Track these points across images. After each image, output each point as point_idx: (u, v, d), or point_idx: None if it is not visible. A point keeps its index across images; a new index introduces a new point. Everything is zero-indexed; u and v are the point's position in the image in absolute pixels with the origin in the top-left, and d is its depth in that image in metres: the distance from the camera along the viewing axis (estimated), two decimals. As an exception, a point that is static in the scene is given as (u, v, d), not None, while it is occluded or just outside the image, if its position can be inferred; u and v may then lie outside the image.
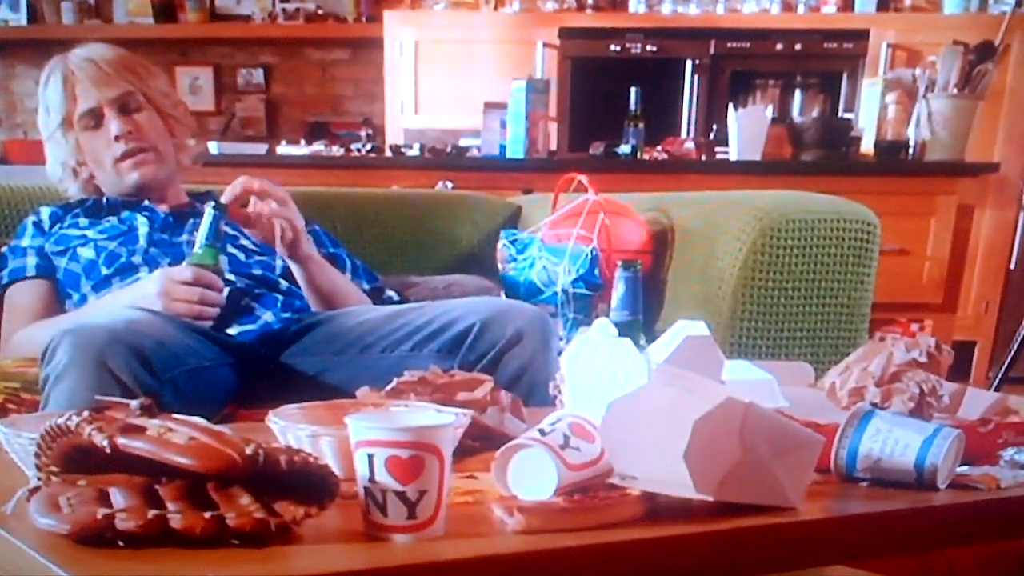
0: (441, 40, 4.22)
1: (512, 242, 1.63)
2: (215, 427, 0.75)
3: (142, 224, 1.58)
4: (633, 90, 3.09)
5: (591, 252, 1.57)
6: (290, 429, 0.89)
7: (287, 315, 1.49)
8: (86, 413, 0.75)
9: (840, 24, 4.16)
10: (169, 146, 1.62)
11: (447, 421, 0.77)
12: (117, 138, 1.55)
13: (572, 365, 0.90)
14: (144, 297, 1.40)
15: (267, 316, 1.48)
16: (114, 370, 1.16)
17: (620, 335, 0.95)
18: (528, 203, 2.04)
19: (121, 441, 0.73)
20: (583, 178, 1.62)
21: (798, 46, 4.15)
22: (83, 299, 1.55)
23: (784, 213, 1.55)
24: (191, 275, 1.38)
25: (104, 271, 1.54)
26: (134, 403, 0.76)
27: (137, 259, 1.54)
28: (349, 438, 0.76)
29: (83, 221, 1.60)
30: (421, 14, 4.37)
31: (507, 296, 1.69)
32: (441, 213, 2.02)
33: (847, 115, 3.95)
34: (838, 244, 1.61)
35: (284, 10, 4.51)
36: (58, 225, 1.61)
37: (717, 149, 3.33)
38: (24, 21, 4.49)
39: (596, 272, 1.60)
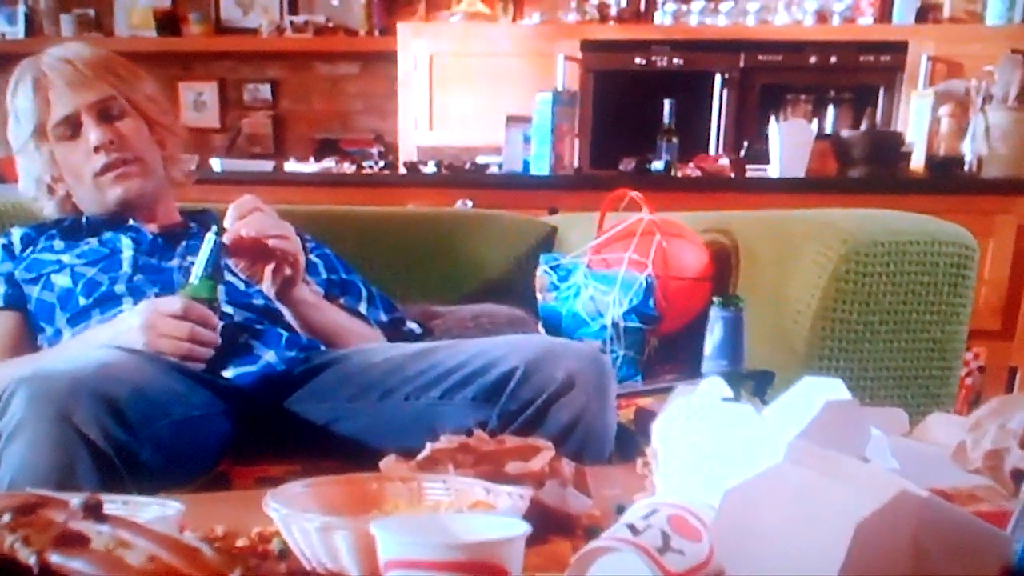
0: (457, 53, 4.03)
1: (553, 268, 1.41)
2: (187, 539, 0.53)
3: (126, 247, 1.37)
4: (667, 102, 2.89)
5: (645, 279, 1.35)
6: (295, 519, 0.67)
7: (292, 354, 1.27)
8: (7, 516, 0.53)
9: (877, 36, 3.95)
10: (157, 158, 1.42)
11: (516, 532, 0.55)
12: (97, 148, 1.35)
13: (669, 435, 0.68)
14: (126, 332, 1.19)
15: (269, 355, 1.26)
16: (79, 425, 0.94)
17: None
18: (565, 223, 1.83)
19: (55, 559, 0.51)
20: (637, 195, 1.40)
21: (833, 59, 3.95)
22: (58, 334, 1.34)
23: (871, 235, 1.33)
24: (180, 307, 1.16)
25: (82, 301, 1.33)
26: (75, 500, 0.54)
27: (120, 287, 1.33)
28: (370, 532, 0.55)
29: (59, 244, 1.39)
30: (436, 26, 4.18)
31: (546, 330, 1.47)
32: (466, 234, 1.81)
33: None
34: (932, 271, 1.38)
35: (292, 23, 4.33)
36: (31, 248, 1.40)
37: (748, 166, 3.14)
38: (22, 34, 4.32)
39: (651, 302, 1.38)
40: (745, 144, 3.69)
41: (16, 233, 1.42)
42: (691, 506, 0.65)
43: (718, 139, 4.08)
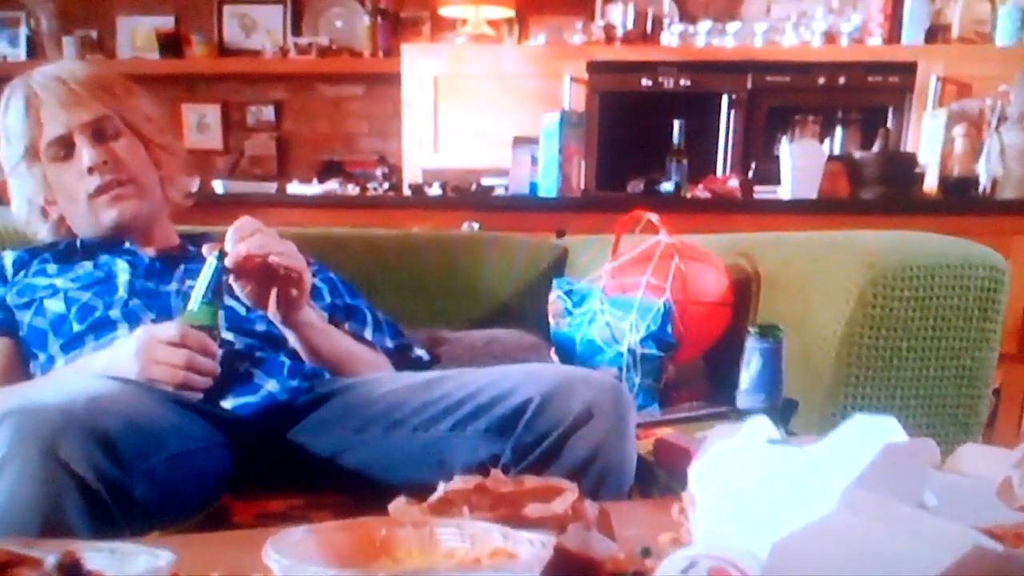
0: (462, 75, 4.00)
1: (567, 293, 1.36)
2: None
3: (122, 270, 1.32)
4: (676, 123, 2.84)
5: (664, 304, 1.30)
6: (297, 570, 0.61)
7: (295, 383, 1.22)
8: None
9: (886, 56, 3.91)
10: (154, 179, 1.37)
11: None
12: (91, 169, 1.30)
13: (708, 480, 0.62)
14: (120, 360, 1.13)
15: (271, 385, 1.20)
16: (68, 462, 0.88)
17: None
18: (576, 246, 1.77)
19: (25, 624, 0.45)
20: (653, 216, 1.35)
21: (841, 79, 3.92)
22: (51, 360, 1.28)
23: (900, 258, 1.27)
24: (178, 334, 1.10)
25: (75, 327, 1.28)
26: (50, 558, 0.48)
27: (115, 312, 1.27)
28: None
29: (52, 268, 1.34)
30: (441, 47, 4.15)
31: (560, 356, 1.41)
32: (475, 257, 1.75)
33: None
34: (962, 295, 1.33)
35: (296, 44, 4.30)
36: (23, 273, 1.34)
37: (756, 187, 3.09)
38: (23, 56, 4.30)
39: (669, 328, 1.32)
40: (752, 165, 3.65)
41: (8, 257, 1.37)
42: (734, 557, 0.59)
43: (725, 160, 4.04)
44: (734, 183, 3.04)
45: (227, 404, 1.18)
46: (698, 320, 1.34)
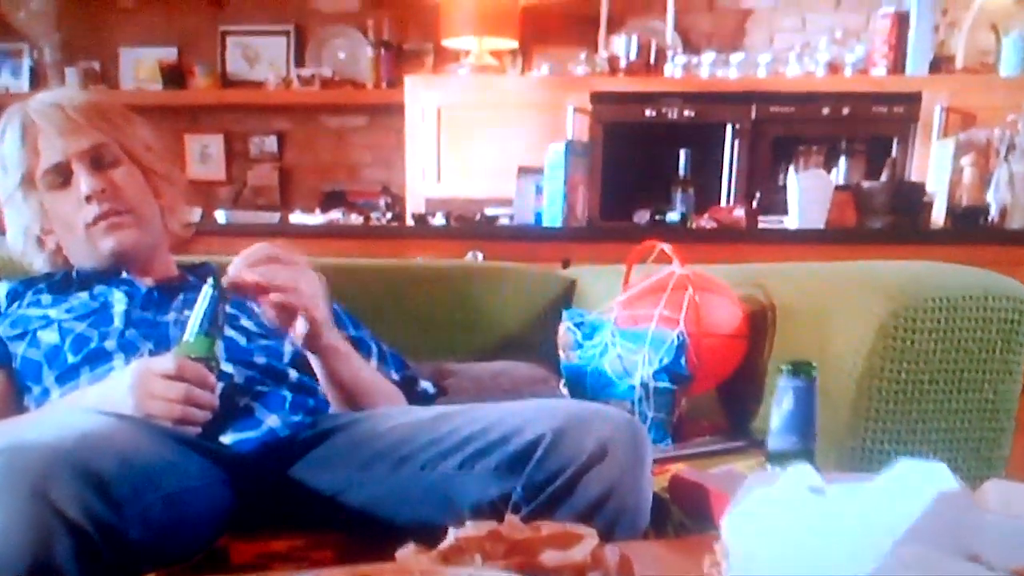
0: (466, 105, 3.99)
1: (578, 325, 1.32)
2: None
3: (118, 301, 1.28)
4: (682, 153, 2.83)
5: (677, 337, 1.26)
6: (298, 624, 0.57)
7: (297, 418, 1.17)
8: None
9: (890, 87, 3.91)
10: (153, 208, 1.34)
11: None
12: (89, 198, 1.27)
13: (745, 531, 0.57)
14: (114, 394, 1.09)
15: (272, 420, 1.16)
16: (57, 503, 0.84)
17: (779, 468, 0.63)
18: (585, 276, 1.73)
19: None
20: (667, 247, 1.31)
21: (845, 109, 3.91)
22: (45, 393, 1.24)
23: (921, 289, 1.23)
24: (174, 367, 1.06)
25: (70, 358, 1.24)
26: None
27: (111, 344, 1.23)
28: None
29: (47, 298, 1.30)
30: (444, 78, 4.15)
31: (570, 389, 1.37)
32: (481, 288, 1.72)
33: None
34: (985, 327, 1.29)
35: (299, 76, 4.30)
36: (17, 304, 1.31)
37: (761, 218, 3.07)
38: (26, 87, 4.31)
39: (683, 361, 1.28)
40: (757, 195, 3.63)
41: (2, 288, 1.34)
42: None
43: (729, 190, 4.02)
44: (740, 213, 3.02)
45: (226, 440, 1.14)
46: (712, 353, 1.31)
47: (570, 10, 4.19)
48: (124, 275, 1.32)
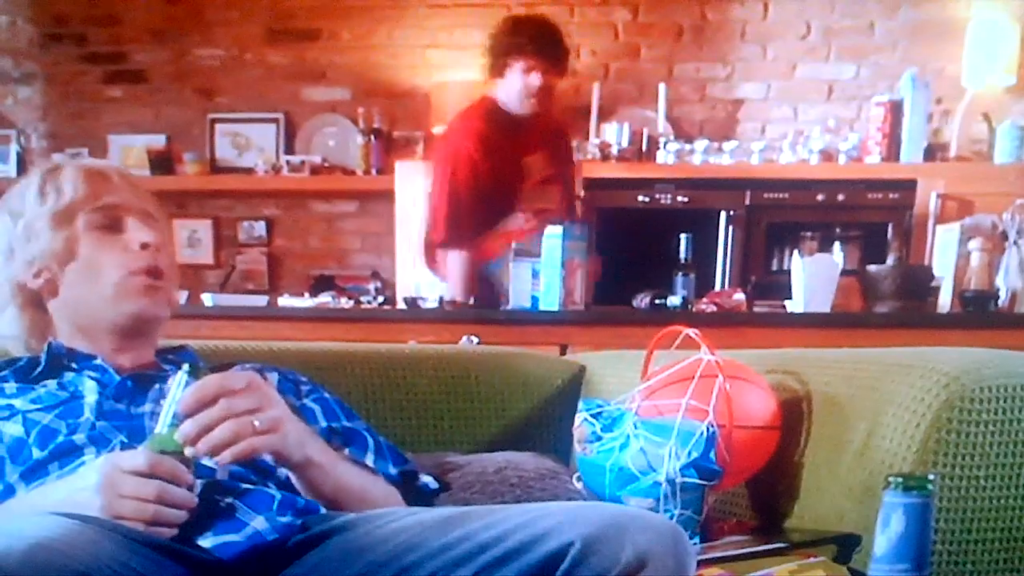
0: (456, 191, 3.94)
1: (596, 415, 1.21)
2: None
3: (89, 390, 1.16)
4: (683, 237, 2.78)
5: (707, 429, 1.15)
6: None
7: (286, 520, 1.04)
8: None
9: (885, 174, 3.90)
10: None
11: None
12: (146, 245, 1.21)
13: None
14: (79, 493, 0.97)
15: (258, 522, 1.03)
16: (1, 628, 0.71)
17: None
18: (595, 363, 1.63)
19: None
20: (694, 332, 1.21)
21: (840, 196, 3.90)
22: (10, 491, 1.11)
23: (978, 377, 1.13)
24: (146, 463, 0.95)
25: (35, 453, 1.12)
26: None
27: (79, 437, 1.11)
28: None
29: (11, 387, 1.18)
30: (435, 165, 4.11)
31: (587, 486, 1.25)
32: (482, 374, 1.60)
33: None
34: (1044, 415, 1.18)
35: (288, 162, 4.27)
36: (-24, 392, 1.19)
37: (757, 302, 3.01)
38: (13, 173, 4.26)
39: (712, 455, 1.16)
40: (752, 280, 3.57)
41: (-40, 375, 1.21)
42: None
43: (724, 275, 3.98)
44: (740, 297, 2.95)
45: (206, 543, 1.00)
46: (744, 446, 1.19)
47: (561, 99, 4.20)
48: (97, 360, 1.20)
